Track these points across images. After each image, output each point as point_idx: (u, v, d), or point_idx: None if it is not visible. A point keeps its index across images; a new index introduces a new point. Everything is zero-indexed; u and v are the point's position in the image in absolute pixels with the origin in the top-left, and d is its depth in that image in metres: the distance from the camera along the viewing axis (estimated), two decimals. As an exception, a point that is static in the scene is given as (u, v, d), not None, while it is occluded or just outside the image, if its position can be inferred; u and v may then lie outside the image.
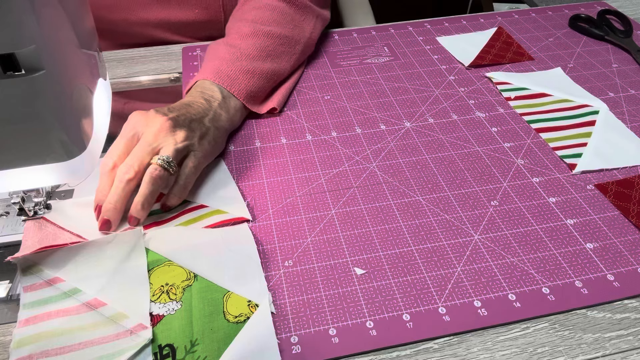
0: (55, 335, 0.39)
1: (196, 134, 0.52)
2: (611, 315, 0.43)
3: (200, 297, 0.42)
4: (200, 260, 0.45)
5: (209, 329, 0.40)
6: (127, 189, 0.47)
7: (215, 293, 0.42)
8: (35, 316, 0.41)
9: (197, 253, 0.45)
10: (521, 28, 0.84)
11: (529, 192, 0.54)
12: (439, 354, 0.41)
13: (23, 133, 0.35)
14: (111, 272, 0.43)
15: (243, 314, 0.41)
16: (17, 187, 0.41)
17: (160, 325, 0.40)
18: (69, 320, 0.40)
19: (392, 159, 0.58)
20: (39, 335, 0.39)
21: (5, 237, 0.49)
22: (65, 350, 0.38)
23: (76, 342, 0.39)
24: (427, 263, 0.47)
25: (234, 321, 0.40)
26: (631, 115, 0.65)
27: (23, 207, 0.48)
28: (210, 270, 0.44)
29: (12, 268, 0.46)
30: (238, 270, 0.44)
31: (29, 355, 0.38)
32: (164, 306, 0.41)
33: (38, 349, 0.38)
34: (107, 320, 0.40)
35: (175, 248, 0.46)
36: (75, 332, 0.39)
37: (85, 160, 0.40)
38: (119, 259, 0.44)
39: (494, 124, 0.63)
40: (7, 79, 0.32)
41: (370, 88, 0.70)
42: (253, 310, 0.41)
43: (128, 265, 0.44)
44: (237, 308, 0.41)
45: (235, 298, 0.42)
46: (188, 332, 0.40)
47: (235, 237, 0.47)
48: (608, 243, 0.49)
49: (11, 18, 0.30)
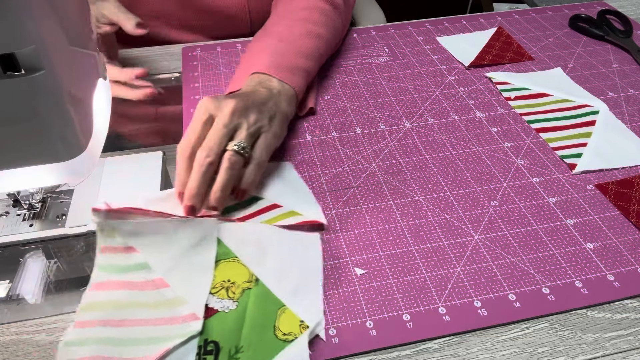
0: (118, 307, 0.40)
1: (265, 116, 0.53)
2: (611, 315, 0.43)
3: (256, 304, 0.41)
4: (265, 265, 0.44)
5: (257, 340, 0.39)
6: (209, 173, 0.47)
7: (271, 304, 0.41)
8: (107, 282, 0.42)
9: (264, 256, 0.45)
10: (521, 28, 0.84)
11: (529, 192, 0.54)
12: (439, 354, 0.41)
13: (23, 133, 0.35)
14: (179, 256, 0.44)
15: (293, 334, 0.40)
16: (17, 187, 0.41)
17: (212, 319, 0.40)
18: (134, 295, 0.41)
19: (392, 159, 0.58)
20: (105, 304, 0.40)
21: (5, 237, 0.49)
22: (123, 324, 0.39)
23: (134, 318, 0.40)
24: (427, 263, 0.47)
25: (282, 338, 0.39)
26: (631, 115, 0.65)
27: (18, 199, 0.49)
28: (272, 278, 0.43)
29: (12, 268, 0.46)
30: (299, 284, 0.43)
31: (91, 321, 0.39)
32: (220, 302, 0.41)
33: (101, 317, 0.39)
34: (165, 302, 0.41)
35: (245, 245, 0.46)
36: (136, 307, 0.40)
37: (85, 160, 0.40)
38: (190, 244, 0.45)
39: (494, 124, 0.63)
40: (7, 79, 0.32)
41: (370, 88, 0.70)
42: (303, 331, 0.40)
43: (197, 252, 0.44)
44: (288, 326, 0.40)
45: (289, 314, 0.41)
46: (236, 336, 0.39)
47: (305, 247, 0.46)
48: (608, 243, 0.49)
49: (11, 18, 0.30)
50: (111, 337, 0.39)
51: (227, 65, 0.74)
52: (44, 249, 0.48)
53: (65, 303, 0.44)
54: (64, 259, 0.48)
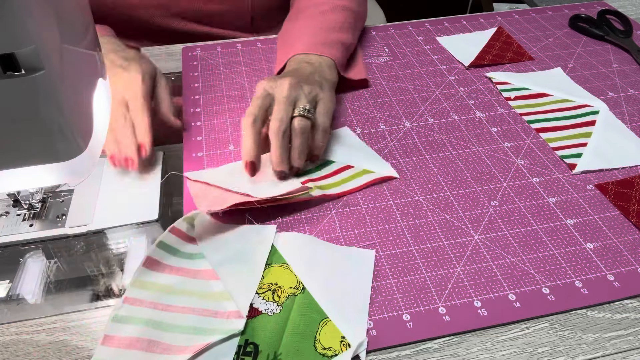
0: (168, 291, 0.42)
1: (316, 85, 0.57)
2: (611, 315, 0.43)
3: (300, 311, 0.41)
4: (314, 275, 0.44)
5: (295, 349, 0.39)
6: (285, 140, 0.52)
7: (315, 314, 0.41)
8: (160, 263, 0.44)
9: (314, 266, 0.45)
10: (521, 28, 0.84)
11: (529, 192, 0.54)
12: (439, 354, 0.41)
13: (23, 133, 0.35)
14: (234, 254, 0.46)
15: (332, 349, 0.39)
16: (17, 187, 0.41)
17: (255, 321, 0.41)
18: (183, 282, 0.43)
19: (392, 159, 0.58)
20: (155, 285, 0.42)
21: (5, 237, 0.49)
22: (170, 309, 0.41)
23: (180, 305, 0.41)
24: (427, 263, 0.47)
25: (321, 352, 0.39)
26: (631, 115, 0.65)
27: (18, 199, 0.49)
28: (320, 288, 0.43)
29: (12, 268, 0.46)
30: (346, 299, 0.43)
31: (140, 300, 0.41)
32: (265, 303, 0.42)
33: (150, 298, 0.41)
34: (213, 295, 0.42)
35: (298, 254, 0.46)
36: (184, 295, 0.42)
37: (85, 160, 0.40)
38: (246, 245, 0.47)
39: (494, 124, 0.63)
40: (7, 79, 0.32)
41: (370, 88, 0.70)
42: (344, 349, 0.39)
43: (251, 253, 0.46)
44: (329, 340, 0.40)
45: (331, 327, 0.40)
46: (277, 341, 0.40)
47: (358, 262, 0.46)
48: (608, 243, 0.49)
49: (11, 18, 0.30)
50: (157, 320, 0.40)
51: (227, 65, 0.74)
52: (44, 249, 0.48)
53: (65, 303, 0.44)
54: (64, 259, 0.48)
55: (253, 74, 0.72)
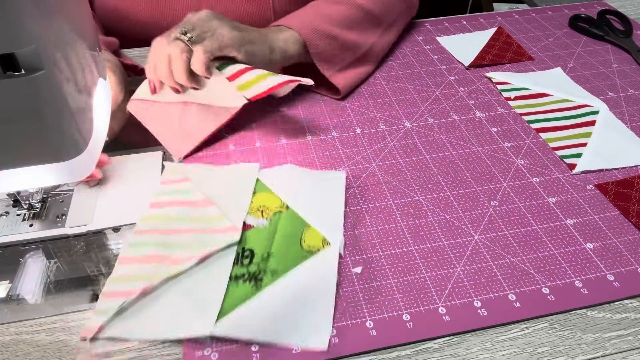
0: (171, 220, 0.49)
1: (230, 26, 0.59)
2: (611, 315, 0.43)
3: (286, 222, 0.49)
4: (295, 197, 0.52)
5: (284, 248, 0.47)
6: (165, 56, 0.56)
7: (298, 224, 0.49)
8: (162, 202, 0.51)
9: (294, 190, 0.53)
10: (521, 28, 0.84)
11: (529, 192, 0.54)
12: (439, 354, 0.41)
13: (23, 133, 0.35)
14: (224, 186, 0.53)
15: (316, 247, 0.47)
16: (17, 187, 0.41)
17: (248, 232, 0.48)
18: (184, 211, 0.50)
19: (392, 159, 0.58)
20: (160, 217, 0.50)
21: (5, 237, 0.49)
22: (174, 232, 0.48)
23: (184, 228, 0.48)
24: (427, 263, 0.47)
25: (306, 249, 0.47)
26: (631, 115, 0.65)
27: (18, 199, 0.49)
28: (300, 205, 0.51)
29: (12, 268, 0.46)
30: (323, 210, 0.50)
31: (148, 230, 0.48)
32: (255, 220, 0.50)
33: (156, 227, 0.49)
34: (210, 218, 0.49)
35: (279, 182, 0.54)
36: (185, 221, 0.49)
37: (85, 160, 0.40)
38: (234, 179, 0.54)
39: (494, 124, 0.63)
40: (7, 79, 0.32)
41: (370, 88, 0.70)
42: (325, 246, 0.47)
43: (238, 184, 0.53)
44: (312, 240, 0.47)
45: (313, 231, 0.48)
46: (268, 245, 0.47)
47: (331, 181, 0.54)
48: (608, 243, 0.49)
49: (11, 18, 0.30)
50: (165, 242, 0.47)
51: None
52: (44, 249, 0.48)
53: (66, 303, 0.44)
54: (64, 259, 0.48)
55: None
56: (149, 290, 0.43)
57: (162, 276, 0.44)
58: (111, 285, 0.44)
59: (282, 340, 0.40)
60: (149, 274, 0.44)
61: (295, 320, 0.41)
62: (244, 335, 0.40)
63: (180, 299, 0.43)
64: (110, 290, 0.43)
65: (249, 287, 0.44)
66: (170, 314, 0.42)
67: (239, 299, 0.43)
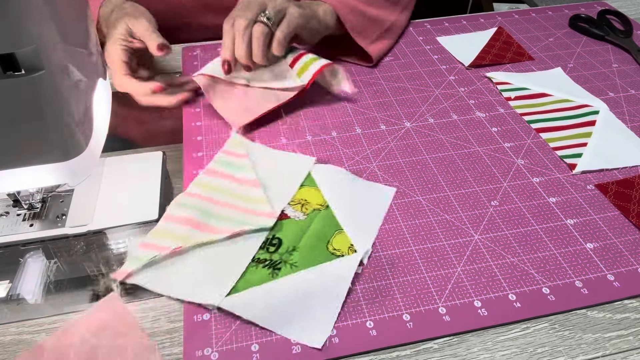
0: (217, 190, 0.53)
1: (292, 2, 0.63)
2: (611, 315, 0.43)
3: (321, 221, 0.50)
4: (339, 198, 0.53)
5: (311, 246, 0.48)
6: (246, 37, 0.59)
7: (332, 225, 0.50)
8: (215, 171, 0.55)
9: (340, 192, 0.54)
10: (521, 28, 0.84)
11: (529, 192, 0.54)
12: (439, 354, 0.41)
13: (23, 133, 0.35)
14: (276, 172, 0.56)
15: (341, 251, 0.47)
16: (17, 187, 0.41)
17: (283, 222, 0.50)
18: (231, 185, 0.54)
19: (392, 159, 0.58)
20: (208, 185, 0.53)
21: (5, 237, 0.49)
22: (217, 203, 0.51)
23: (226, 202, 0.52)
24: (427, 263, 0.47)
25: (331, 251, 0.47)
26: (631, 115, 0.65)
27: (18, 199, 0.49)
28: (341, 209, 0.51)
29: (12, 268, 0.46)
30: (361, 220, 0.51)
31: (195, 193, 0.52)
32: (293, 212, 0.51)
33: (202, 193, 0.52)
34: (252, 198, 0.52)
35: (329, 181, 0.55)
36: (229, 195, 0.53)
37: (85, 160, 0.40)
38: (288, 167, 0.56)
39: (494, 124, 0.63)
40: (7, 79, 0.32)
41: (370, 88, 0.70)
42: (350, 253, 0.47)
43: (290, 174, 0.56)
44: (340, 244, 0.48)
45: (344, 236, 0.49)
46: (297, 239, 0.48)
47: (378, 194, 0.54)
48: (608, 243, 0.49)
49: (11, 18, 0.30)
50: (206, 209, 0.50)
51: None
52: (44, 249, 0.48)
53: (66, 303, 0.44)
54: (64, 259, 0.48)
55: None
56: (178, 252, 0.47)
57: (194, 241, 0.47)
58: (151, 238, 0.47)
59: (280, 330, 0.42)
60: (184, 236, 0.47)
61: (299, 315, 0.42)
62: (247, 315, 0.42)
63: (201, 266, 0.46)
64: (149, 241, 0.47)
65: (266, 273, 0.45)
66: (188, 278, 0.45)
67: (253, 282, 0.45)
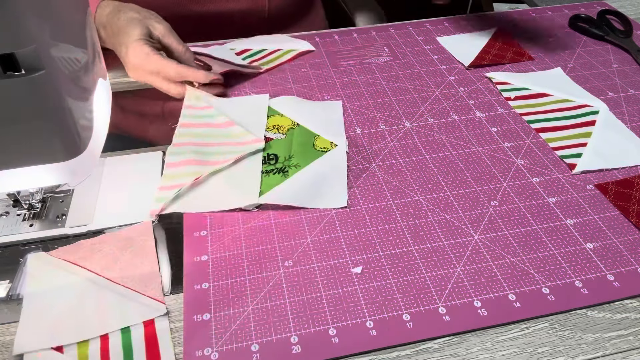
0: (201, 135, 0.59)
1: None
2: (611, 315, 0.43)
3: (299, 134, 0.61)
4: (303, 117, 0.63)
5: (302, 150, 0.58)
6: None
7: (310, 135, 0.61)
8: (190, 123, 0.60)
9: (301, 111, 0.64)
10: (521, 28, 0.84)
11: (529, 192, 0.54)
12: (439, 354, 0.41)
13: (23, 133, 0.35)
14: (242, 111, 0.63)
15: (326, 147, 0.58)
16: (17, 187, 0.41)
17: (270, 143, 0.59)
18: (211, 130, 0.60)
19: (392, 159, 0.58)
20: (192, 133, 0.59)
21: (5, 237, 0.49)
22: (208, 144, 0.58)
23: (214, 142, 0.58)
24: (427, 263, 0.47)
25: (319, 149, 0.58)
26: (631, 115, 0.65)
27: (18, 199, 0.49)
28: (309, 122, 0.62)
29: (12, 268, 0.46)
30: (327, 126, 0.62)
31: (184, 142, 0.57)
32: (273, 134, 0.61)
33: (190, 140, 0.58)
34: (235, 134, 0.59)
35: (288, 106, 0.65)
36: (214, 137, 0.59)
37: (85, 160, 0.40)
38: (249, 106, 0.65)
39: (494, 124, 0.63)
40: (7, 79, 0.32)
41: (370, 88, 0.70)
42: (333, 147, 0.58)
43: (253, 110, 0.64)
44: (323, 143, 0.59)
45: (321, 139, 0.60)
46: (288, 149, 0.58)
47: (331, 107, 0.66)
48: (608, 243, 0.49)
49: (11, 18, 0.30)
50: (201, 150, 0.57)
51: (227, 65, 0.74)
52: (44, 249, 0.48)
53: (65, 303, 0.44)
54: (64, 259, 0.48)
55: (253, 74, 0.72)
56: (200, 180, 0.53)
57: (208, 171, 0.54)
58: (165, 181, 0.53)
59: (312, 204, 0.52)
60: (194, 172, 0.53)
61: (320, 192, 0.53)
62: (283, 202, 0.51)
63: (224, 184, 0.54)
64: (165, 185, 0.52)
65: (278, 177, 0.54)
66: (218, 194, 0.52)
67: (272, 184, 0.54)
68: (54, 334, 0.41)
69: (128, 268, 0.46)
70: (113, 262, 0.47)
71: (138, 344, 0.41)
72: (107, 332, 0.42)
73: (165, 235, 0.49)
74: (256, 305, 0.43)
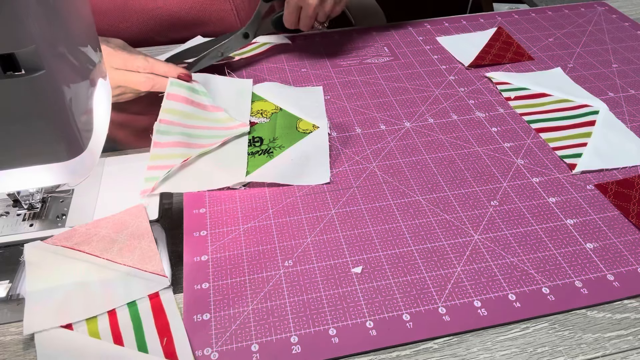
0: (189, 117, 0.59)
1: None
2: (611, 315, 0.43)
3: (282, 118, 0.63)
4: (285, 102, 0.65)
5: (286, 132, 0.61)
6: None
7: (292, 118, 0.63)
8: (177, 95, 0.59)
9: (283, 96, 0.66)
10: (521, 28, 0.84)
11: (529, 192, 0.54)
12: (439, 354, 0.41)
13: (23, 133, 0.35)
14: (226, 96, 0.65)
15: (308, 129, 0.61)
16: (17, 187, 0.41)
17: (254, 127, 0.62)
18: (197, 111, 0.61)
19: (392, 159, 0.58)
20: (179, 112, 0.58)
21: (5, 237, 0.49)
22: (194, 127, 0.59)
23: (200, 125, 0.60)
24: (427, 263, 0.47)
25: (302, 131, 0.61)
26: (631, 115, 0.65)
27: (18, 199, 0.49)
28: (291, 107, 0.65)
29: (12, 268, 0.46)
30: (309, 110, 0.64)
31: (172, 120, 0.57)
32: (258, 119, 0.63)
33: (177, 120, 0.58)
34: (220, 119, 0.61)
35: (270, 92, 0.67)
36: (201, 119, 0.60)
37: (85, 160, 0.40)
38: (233, 89, 0.67)
39: (494, 124, 0.63)
40: (7, 79, 0.32)
41: (370, 88, 0.70)
42: (315, 129, 0.61)
43: (237, 94, 0.66)
44: (305, 125, 0.62)
45: (304, 121, 0.63)
46: (272, 132, 0.61)
47: (310, 92, 0.68)
48: (608, 243, 0.49)
49: (11, 18, 0.30)
50: (187, 132, 0.58)
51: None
52: (44, 248, 0.48)
53: (65, 303, 0.44)
54: (64, 259, 0.48)
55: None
56: (188, 162, 0.55)
57: (195, 154, 0.55)
58: (153, 161, 0.54)
59: (296, 181, 0.54)
60: (182, 153, 0.55)
61: (304, 169, 0.55)
62: (268, 179, 0.54)
63: (212, 164, 0.56)
64: (154, 164, 0.53)
65: (263, 157, 0.57)
66: (207, 173, 0.55)
67: (258, 164, 0.56)
68: (61, 312, 0.42)
69: (126, 249, 0.47)
70: (110, 244, 0.47)
71: (146, 314, 0.43)
72: (114, 307, 0.43)
73: (166, 236, 0.49)
74: (256, 305, 0.43)
